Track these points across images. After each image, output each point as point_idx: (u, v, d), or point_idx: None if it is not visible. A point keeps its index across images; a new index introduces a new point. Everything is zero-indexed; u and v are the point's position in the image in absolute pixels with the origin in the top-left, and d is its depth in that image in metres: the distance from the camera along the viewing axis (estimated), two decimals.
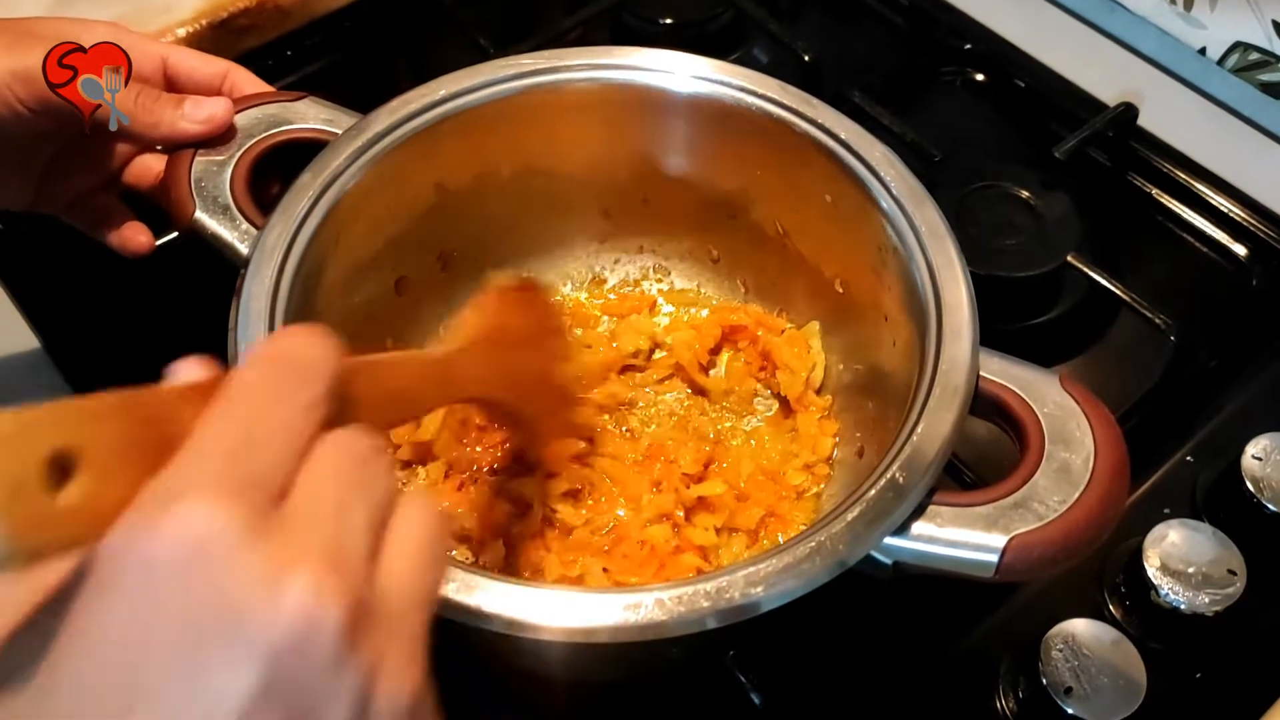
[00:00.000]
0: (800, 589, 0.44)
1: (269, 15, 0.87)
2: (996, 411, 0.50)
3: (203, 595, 0.26)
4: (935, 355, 0.50)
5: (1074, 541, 0.45)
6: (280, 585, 0.27)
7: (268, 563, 0.27)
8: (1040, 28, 0.90)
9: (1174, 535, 0.59)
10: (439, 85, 0.59)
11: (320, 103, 0.62)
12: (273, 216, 0.54)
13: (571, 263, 0.70)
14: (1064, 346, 0.73)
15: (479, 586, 0.43)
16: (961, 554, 0.45)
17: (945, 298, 0.52)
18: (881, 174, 0.56)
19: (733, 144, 0.62)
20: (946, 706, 0.56)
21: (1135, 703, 0.54)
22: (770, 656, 0.57)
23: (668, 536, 0.59)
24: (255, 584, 0.26)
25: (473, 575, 0.44)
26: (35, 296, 0.74)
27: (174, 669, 0.26)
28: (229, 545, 0.26)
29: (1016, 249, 0.73)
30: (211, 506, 0.27)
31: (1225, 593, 0.57)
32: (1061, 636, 0.56)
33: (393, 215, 0.60)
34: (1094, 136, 0.80)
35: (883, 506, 0.45)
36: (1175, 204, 0.80)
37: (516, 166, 0.64)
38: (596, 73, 0.60)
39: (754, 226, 0.65)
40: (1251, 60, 0.86)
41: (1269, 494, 0.60)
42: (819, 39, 0.88)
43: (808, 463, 0.61)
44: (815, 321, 0.65)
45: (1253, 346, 0.72)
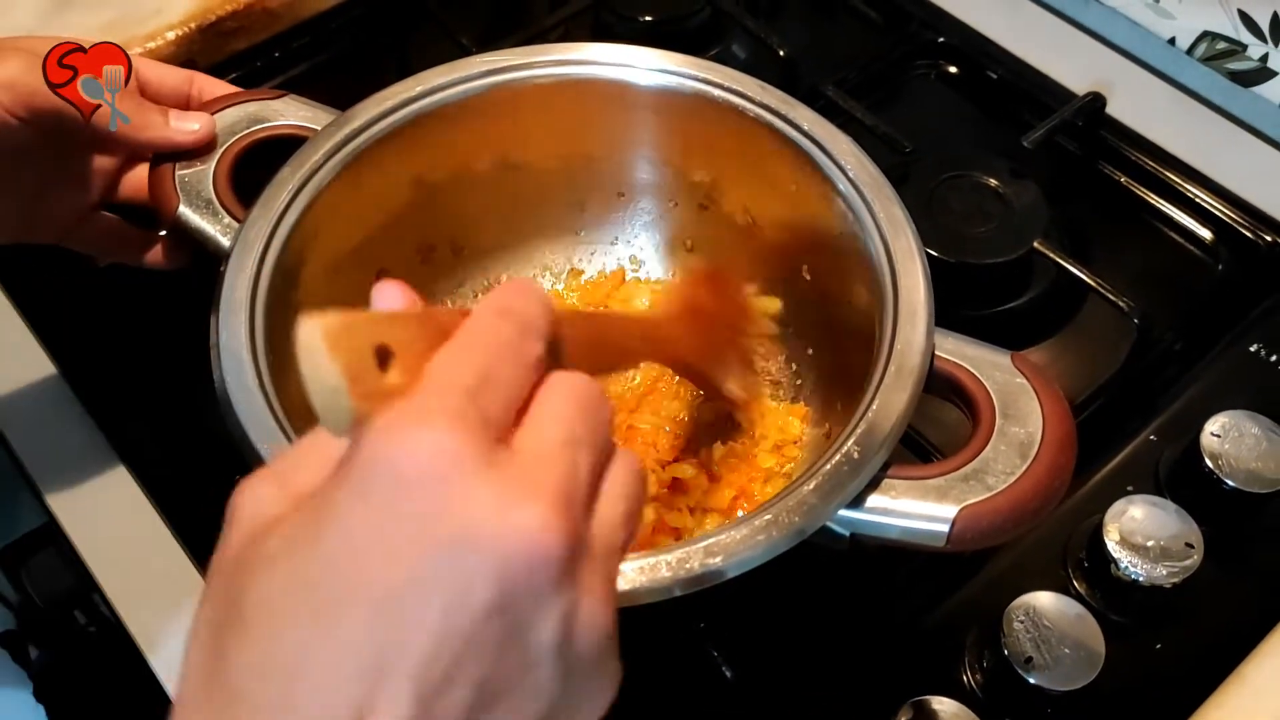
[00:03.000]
0: (758, 558, 0.45)
1: (257, 18, 0.89)
2: (951, 389, 0.52)
3: (442, 512, 0.28)
4: (891, 336, 0.52)
5: (1021, 511, 0.47)
6: (511, 513, 0.29)
7: (502, 491, 0.29)
8: (1013, 20, 0.92)
9: (1134, 511, 0.61)
10: (415, 82, 0.61)
11: (300, 100, 0.64)
12: (253, 210, 0.56)
13: (549, 255, 0.72)
14: (1033, 331, 0.75)
15: None
16: (914, 524, 0.47)
17: (902, 282, 0.54)
18: (843, 164, 0.58)
19: (701, 136, 0.63)
20: (915, 679, 0.58)
21: (1093, 672, 0.56)
22: (741, 632, 0.58)
23: (650, 518, 0.60)
24: (491, 509, 0.28)
25: None
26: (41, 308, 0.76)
27: (404, 575, 0.28)
28: (469, 471, 0.29)
29: (986, 236, 0.74)
30: (456, 434, 0.29)
31: (1183, 565, 0.59)
32: (1023, 609, 0.57)
33: (371, 209, 0.62)
34: (1062, 126, 0.81)
35: (838, 480, 0.47)
36: (1144, 191, 0.82)
37: (492, 161, 0.66)
38: (563, 69, 0.62)
39: (725, 216, 0.67)
40: (1219, 49, 0.88)
41: (1227, 469, 0.62)
42: (796, 35, 0.90)
43: (777, 443, 0.63)
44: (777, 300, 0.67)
45: (1218, 329, 0.73)
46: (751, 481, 0.62)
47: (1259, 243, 0.77)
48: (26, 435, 0.69)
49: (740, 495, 0.61)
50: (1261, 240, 0.77)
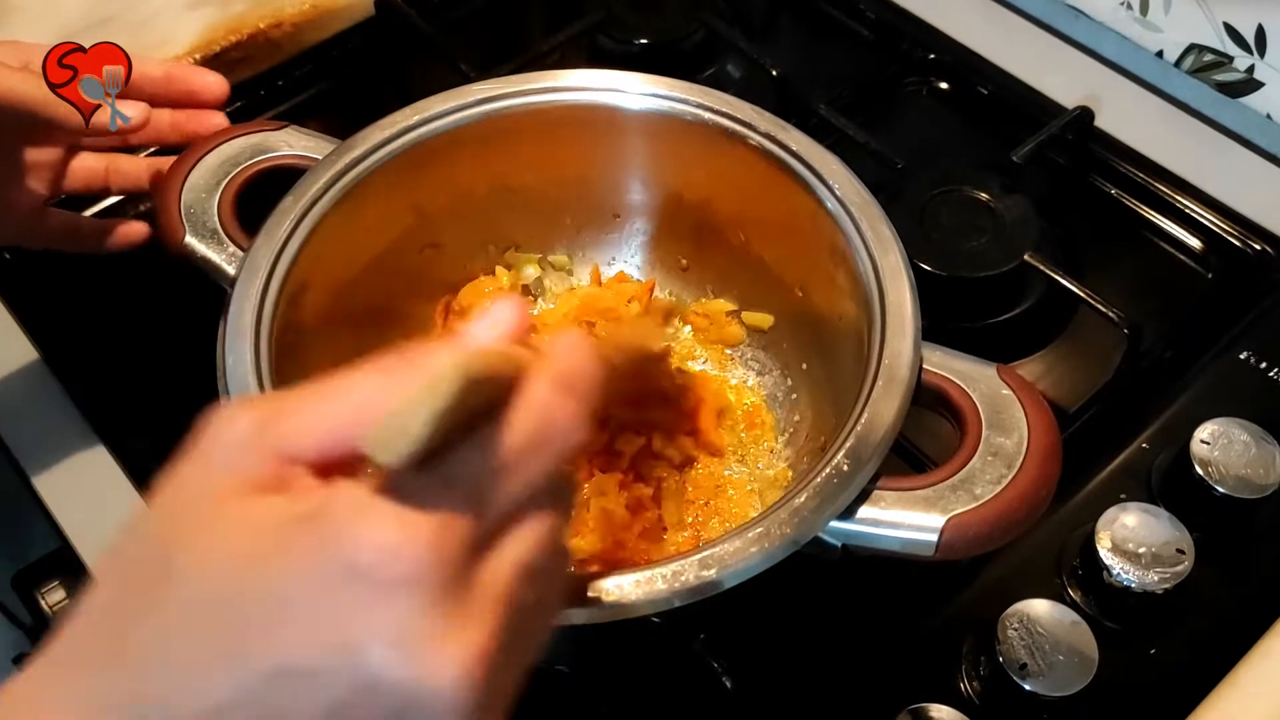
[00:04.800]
0: (753, 569, 0.47)
1: (260, 47, 0.91)
2: (939, 401, 0.53)
3: (371, 620, 0.28)
4: (880, 350, 0.53)
5: (1008, 520, 0.48)
6: (429, 655, 0.29)
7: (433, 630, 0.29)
8: (1003, 36, 0.93)
9: (1126, 519, 0.62)
10: (413, 111, 0.63)
11: (301, 131, 0.65)
12: (257, 239, 0.58)
13: (547, 276, 0.73)
14: (1026, 343, 0.76)
15: None
16: (904, 534, 0.48)
17: (889, 297, 0.55)
18: (832, 184, 0.59)
19: (693, 158, 0.65)
20: (912, 686, 0.59)
21: (1088, 678, 0.56)
22: (741, 643, 0.59)
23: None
24: (415, 639, 0.28)
25: None
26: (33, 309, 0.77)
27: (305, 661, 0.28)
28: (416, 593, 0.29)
29: (978, 250, 0.75)
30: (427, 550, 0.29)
31: (1174, 570, 0.60)
32: (1017, 616, 0.58)
33: (373, 235, 0.64)
34: (1051, 140, 0.82)
35: (829, 492, 0.48)
36: (1134, 202, 0.83)
37: (490, 186, 0.67)
38: (557, 95, 0.63)
39: (718, 236, 0.68)
40: (1206, 61, 0.89)
41: (1216, 476, 0.63)
42: (789, 55, 0.91)
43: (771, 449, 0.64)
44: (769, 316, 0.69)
45: (1208, 337, 0.74)
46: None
47: (1248, 251, 0.78)
48: (39, 460, 0.70)
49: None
50: (1250, 249, 0.78)
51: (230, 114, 0.86)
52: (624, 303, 0.69)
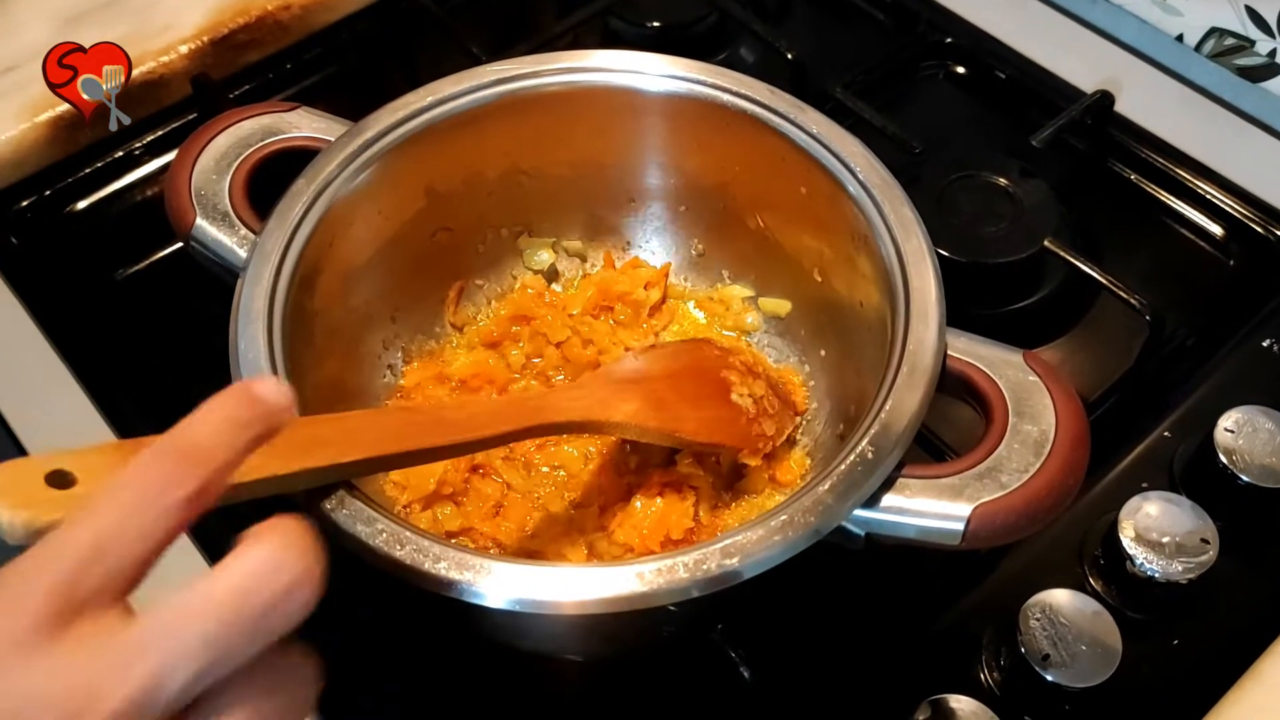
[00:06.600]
0: (775, 559, 0.46)
1: (268, 30, 0.90)
2: (964, 388, 0.52)
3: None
4: (904, 337, 0.52)
5: (1035, 508, 0.47)
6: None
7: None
8: (1021, 20, 0.92)
9: (1149, 508, 0.61)
10: (426, 92, 0.62)
11: (313, 113, 0.64)
12: (269, 222, 0.57)
13: (561, 260, 0.72)
14: (1046, 329, 0.75)
15: (482, 568, 0.45)
16: (929, 523, 0.48)
17: (913, 283, 0.54)
18: (852, 166, 0.58)
19: (710, 141, 0.64)
20: (933, 677, 0.58)
21: (1110, 669, 0.56)
22: (759, 632, 0.59)
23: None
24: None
25: (469, 556, 0.46)
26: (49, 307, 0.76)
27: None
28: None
29: (997, 236, 0.75)
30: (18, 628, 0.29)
31: (1198, 560, 0.59)
32: (1039, 606, 0.58)
33: (385, 218, 0.63)
34: (1071, 125, 0.81)
35: (853, 480, 0.47)
36: (1154, 188, 0.82)
37: (503, 169, 0.66)
38: (572, 76, 0.62)
39: (735, 220, 0.67)
40: (1227, 45, 0.88)
41: (1241, 465, 0.62)
42: (804, 38, 0.90)
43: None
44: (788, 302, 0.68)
45: (1230, 325, 0.73)
46: None
47: (1270, 237, 0.77)
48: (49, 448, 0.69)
49: None
50: (1272, 235, 0.77)
51: (238, 98, 0.87)
52: (640, 287, 0.68)
